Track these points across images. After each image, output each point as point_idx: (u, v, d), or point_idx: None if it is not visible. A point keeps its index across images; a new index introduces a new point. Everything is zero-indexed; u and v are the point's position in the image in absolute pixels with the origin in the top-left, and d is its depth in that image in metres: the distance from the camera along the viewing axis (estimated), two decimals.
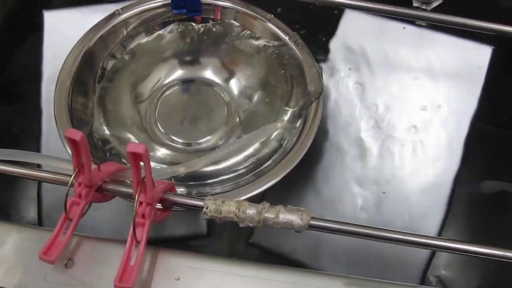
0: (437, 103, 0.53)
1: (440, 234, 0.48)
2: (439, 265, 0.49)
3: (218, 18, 0.51)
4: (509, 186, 0.49)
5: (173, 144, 0.49)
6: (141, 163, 0.32)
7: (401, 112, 0.53)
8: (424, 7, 0.57)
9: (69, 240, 0.35)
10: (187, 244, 0.54)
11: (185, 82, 0.52)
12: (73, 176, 0.34)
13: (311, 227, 0.34)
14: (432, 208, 0.49)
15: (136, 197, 0.33)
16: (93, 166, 0.36)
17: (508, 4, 0.58)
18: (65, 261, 0.36)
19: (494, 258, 0.33)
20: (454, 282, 0.49)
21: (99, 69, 0.48)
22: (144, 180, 0.32)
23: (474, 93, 0.53)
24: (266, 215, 0.34)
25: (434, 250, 0.34)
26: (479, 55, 0.54)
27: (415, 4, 0.57)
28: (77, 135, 0.32)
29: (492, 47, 0.54)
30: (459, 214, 0.49)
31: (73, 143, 0.32)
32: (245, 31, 0.50)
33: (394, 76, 0.55)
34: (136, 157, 0.31)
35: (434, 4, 0.57)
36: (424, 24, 0.57)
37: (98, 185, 0.36)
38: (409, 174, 0.50)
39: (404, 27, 0.57)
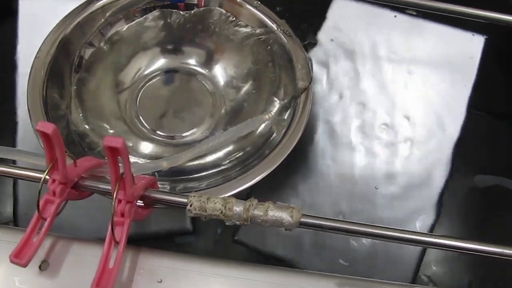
0: (429, 94, 0.52)
1: (433, 229, 0.46)
2: (430, 262, 0.48)
3: (202, 4, 0.48)
4: (503, 180, 0.48)
5: (156, 137, 0.46)
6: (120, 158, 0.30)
7: (393, 103, 0.52)
8: None
9: (42, 241, 0.32)
10: (171, 241, 0.52)
11: (168, 72, 0.50)
12: (46, 173, 0.32)
13: (302, 224, 0.32)
14: (425, 202, 0.47)
15: (114, 195, 0.30)
16: (69, 161, 0.33)
17: None
18: (39, 263, 0.33)
19: (488, 255, 0.32)
20: (445, 278, 0.48)
21: (76, 58, 0.46)
22: (123, 176, 0.30)
23: (467, 84, 0.51)
24: (254, 212, 0.32)
25: (429, 247, 0.32)
26: (472, 45, 0.53)
27: None
28: (49, 128, 0.29)
29: (485, 36, 0.53)
30: (453, 208, 0.48)
31: (45, 136, 0.30)
32: (231, 19, 0.48)
33: (384, 66, 0.53)
34: (114, 151, 0.29)
35: None
36: (414, 13, 0.56)
37: (74, 181, 0.33)
38: (401, 168, 0.49)
39: (395, 15, 0.55)
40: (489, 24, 0.47)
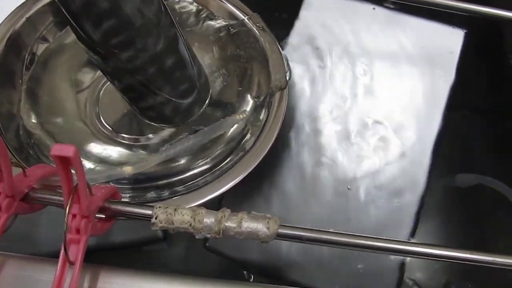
0: (408, 90, 0.50)
1: (413, 232, 0.44)
2: (413, 264, 0.46)
3: None
4: (485, 179, 0.46)
5: (119, 140, 0.42)
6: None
7: (370, 99, 0.49)
8: None
9: None
10: (140, 250, 0.49)
11: None
12: None
13: (279, 236, 0.29)
14: (404, 203, 0.45)
15: (67, 209, 0.27)
16: (17, 170, 0.30)
17: None
18: None
19: (471, 263, 0.30)
20: (429, 281, 0.46)
21: (27, 55, 0.42)
22: (77, 188, 0.27)
23: (447, 79, 0.49)
24: (226, 224, 0.29)
25: (418, 257, 0.30)
26: (451, 39, 0.51)
27: None
28: None
29: (464, 30, 0.51)
30: (433, 209, 0.46)
31: None
32: (199, 11, 0.45)
33: (361, 61, 0.51)
34: (65, 161, 0.25)
35: None
36: (392, 6, 0.54)
37: (24, 193, 0.30)
38: (379, 167, 0.46)
39: (373, 8, 0.53)
40: (469, 18, 0.45)
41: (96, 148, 0.41)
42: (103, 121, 0.43)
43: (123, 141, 0.42)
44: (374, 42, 0.52)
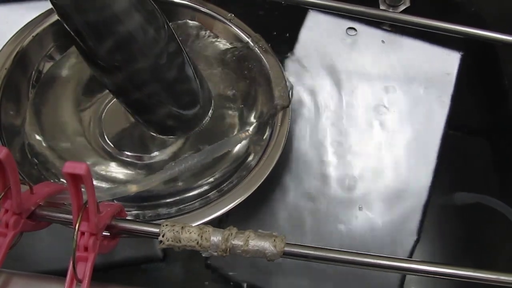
0: (406, 111, 0.50)
1: (412, 250, 0.45)
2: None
3: None
4: (483, 198, 0.47)
5: (123, 158, 0.43)
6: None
7: (369, 121, 0.50)
8: (391, 10, 0.54)
9: None
10: (138, 268, 0.48)
11: None
12: None
13: (286, 254, 0.30)
14: (403, 221, 0.45)
15: (77, 227, 0.27)
16: (24, 188, 0.30)
17: (475, 9, 0.57)
18: None
19: (476, 281, 0.30)
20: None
21: (34, 73, 0.42)
22: (87, 206, 0.27)
23: (445, 100, 0.50)
24: (233, 242, 0.29)
25: (429, 276, 0.30)
26: (448, 61, 0.52)
27: (381, 7, 0.55)
28: (1, 152, 0.26)
29: (460, 52, 0.52)
30: (432, 227, 0.47)
31: None
32: (204, 33, 0.45)
33: (360, 82, 0.52)
34: (76, 179, 0.25)
35: (401, 8, 0.54)
36: (389, 28, 0.55)
37: (31, 210, 0.30)
38: (377, 187, 0.47)
39: (371, 31, 0.54)
40: (464, 41, 0.46)
41: (99, 166, 0.41)
42: (106, 139, 0.43)
43: (127, 159, 0.43)
44: (373, 64, 0.53)
